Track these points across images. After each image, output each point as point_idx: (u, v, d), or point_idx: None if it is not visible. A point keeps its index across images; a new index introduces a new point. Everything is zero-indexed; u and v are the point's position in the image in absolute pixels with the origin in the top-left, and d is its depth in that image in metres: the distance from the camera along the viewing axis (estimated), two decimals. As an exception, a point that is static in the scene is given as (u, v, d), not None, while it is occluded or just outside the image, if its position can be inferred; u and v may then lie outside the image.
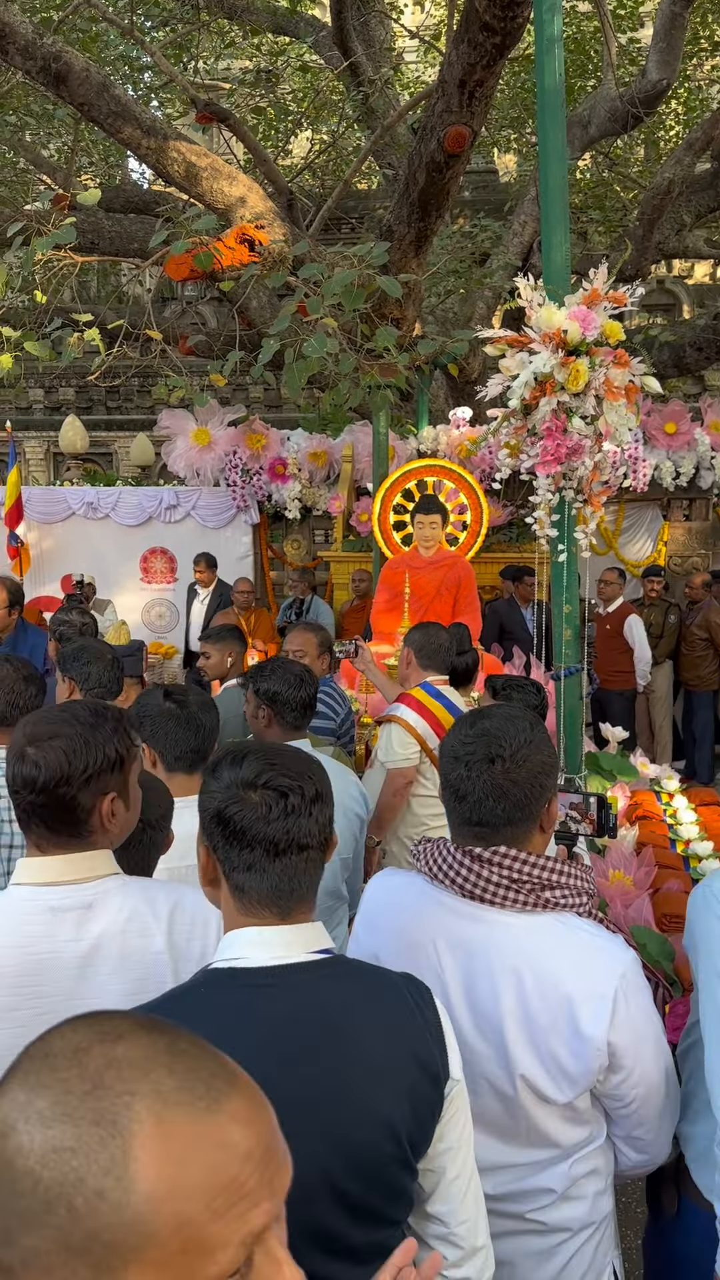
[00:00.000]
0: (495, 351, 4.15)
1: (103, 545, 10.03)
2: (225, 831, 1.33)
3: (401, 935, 1.69)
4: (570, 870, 1.64)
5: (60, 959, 1.52)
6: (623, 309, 4.04)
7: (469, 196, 12.88)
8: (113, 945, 1.55)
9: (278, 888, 1.32)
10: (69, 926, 1.53)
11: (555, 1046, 1.54)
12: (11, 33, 5.76)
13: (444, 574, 6.22)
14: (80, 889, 1.56)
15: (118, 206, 9.44)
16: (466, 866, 1.63)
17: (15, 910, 1.55)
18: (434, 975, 1.65)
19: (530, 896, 1.61)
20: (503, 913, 1.62)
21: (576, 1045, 1.53)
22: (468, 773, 1.63)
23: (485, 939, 1.61)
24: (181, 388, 6.05)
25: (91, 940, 1.54)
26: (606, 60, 9.07)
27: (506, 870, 1.60)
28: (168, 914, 1.60)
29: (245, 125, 8.17)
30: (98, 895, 1.57)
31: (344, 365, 4.96)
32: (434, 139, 5.68)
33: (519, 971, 1.57)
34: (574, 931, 1.61)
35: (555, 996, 1.55)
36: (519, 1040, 1.56)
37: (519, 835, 1.64)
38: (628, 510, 9.48)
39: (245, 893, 1.33)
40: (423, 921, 1.68)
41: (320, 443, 9.52)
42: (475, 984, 1.61)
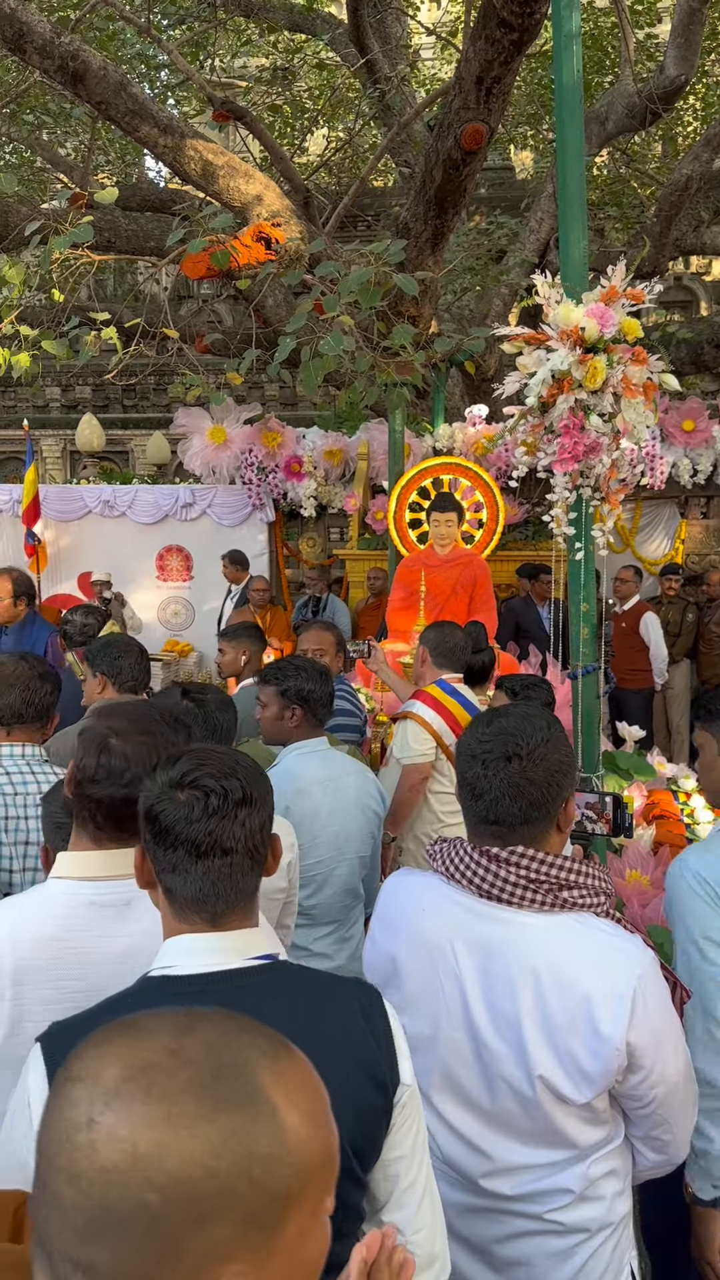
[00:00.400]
0: (513, 349, 4.14)
1: (119, 543, 10.06)
2: (154, 830, 1.32)
3: (418, 936, 1.69)
4: (588, 870, 1.63)
5: (99, 954, 1.53)
6: (640, 306, 4.02)
7: (486, 193, 12.85)
8: (150, 943, 1.55)
9: (201, 891, 1.30)
10: (107, 923, 1.55)
11: (574, 1047, 1.54)
12: (29, 32, 5.78)
13: (460, 572, 6.20)
14: (119, 885, 1.57)
15: (134, 205, 9.46)
16: (484, 866, 1.63)
17: (55, 904, 1.56)
18: (451, 976, 1.64)
19: (548, 896, 1.60)
20: (520, 913, 1.61)
21: (595, 1045, 1.53)
22: (484, 771, 1.62)
23: (503, 939, 1.61)
24: (198, 386, 6.06)
25: (129, 937, 1.55)
26: (624, 56, 9.03)
27: (524, 870, 1.60)
28: None
29: (262, 123, 8.17)
30: (136, 892, 1.57)
31: (360, 363, 4.95)
32: (451, 136, 5.67)
33: (537, 971, 1.57)
34: (592, 931, 1.60)
35: (573, 996, 1.54)
36: (537, 1040, 1.56)
37: (536, 834, 1.64)
38: (645, 508, 9.44)
39: (174, 895, 1.32)
40: (440, 922, 1.67)
41: (336, 441, 9.52)
42: (493, 984, 1.60)
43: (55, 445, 13.80)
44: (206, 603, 9.95)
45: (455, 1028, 1.65)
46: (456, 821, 3.78)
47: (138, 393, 13.87)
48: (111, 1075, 0.70)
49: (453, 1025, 1.65)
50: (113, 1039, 0.74)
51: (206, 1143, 0.67)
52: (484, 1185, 1.63)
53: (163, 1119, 0.67)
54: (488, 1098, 1.62)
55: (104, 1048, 0.73)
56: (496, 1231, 1.63)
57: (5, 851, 2.45)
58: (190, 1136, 0.67)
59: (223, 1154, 0.67)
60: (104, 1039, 0.74)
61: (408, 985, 1.70)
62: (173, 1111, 0.67)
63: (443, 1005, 1.66)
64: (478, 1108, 1.64)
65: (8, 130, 10.43)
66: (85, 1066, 0.72)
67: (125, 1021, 0.76)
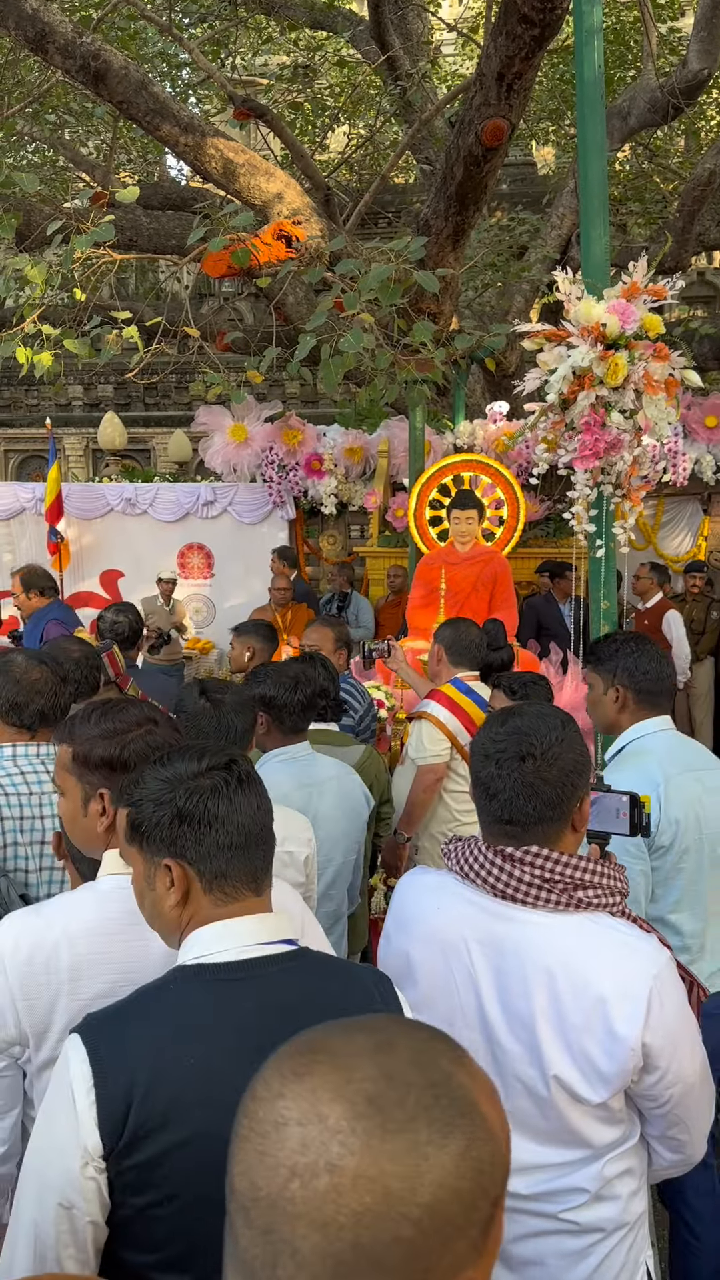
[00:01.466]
0: (533, 345, 4.12)
1: (140, 541, 10.10)
2: (193, 824, 1.34)
3: (433, 935, 1.69)
4: (603, 870, 1.63)
5: (153, 950, 1.54)
6: (662, 302, 4.00)
7: (507, 189, 12.80)
8: None
9: (237, 870, 1.35)
10: None
11: (589, 1047, 1.53)
12: (51, 32, 5.81)
13: (480, 569, 6.19)
14: None
15: (156, 203, 9.50)
16: (498, 866, 1.62)
17: (108, 899, 1.59)
18: (466, 975, 1.64)
19: (563, 896, 1.60)
20: (535, 912, 1.61)
21: (610, 1046, 1.52)
22: (498, 770, 1.62)
23: (518, 939, 1.60)
24: (219, 384, 6.08)
25: None
26: (646, 50, 8.97)
27: (539, 870, 1.60)
28: None
29: (282, 121, 8.18)
30: None
31: (380, 360, 4.95)
32: (472, 132, 5.65)
33: (552, 971, 1.56)
34: (607, 931, 1.60)
35: (589, 996, 1.54)
36: (552, 1040, 1.56)
37: (550, 834, 1.63)
38: (667, 504, 9.39)
39: (226, 878, 1.34)
40: (454, 921, 1.67)
41: (356, 438, 9.52)
42: (508, 984, 1.60)
43: (78, 443, 13.87)
44: (228, 600, 9.98)
45: (469, 1027, 1.64)
46: (472, 820, 3.76)
47: (159, 391, 13.91)
48: (339, 1113, 0.68)
49: (467, 1025, 1.65)
50: (313, 1070, 0.71)
51: (450, 1167, 0.67)
52: None
53: (407, 1151, 0.66)
54: (503, 1097, 1.62)
55: (308, 1081, 0.70)
56: (511, 1231, 1.63)
57: (22, 852, 2.45)
58: (435, 1164, 0.67)
59: (464, 1173, 0.67)
60: (300, 1070, 0.71)
61: (422, 984, 1.70)
62: (415, 1141, 0.67)
63: (457, 1005, 1.66)
64: None
65: (30, 130, 10.49)
66: (298, 1107, 0.69)
67: (311, 1047, 0.74)
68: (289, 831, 2.44)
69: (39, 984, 1.53)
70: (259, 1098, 0.71)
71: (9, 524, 10.39)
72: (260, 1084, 0.73)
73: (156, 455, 13.56)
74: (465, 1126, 0.69)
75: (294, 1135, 0.68)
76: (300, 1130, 0.68)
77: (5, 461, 14.16)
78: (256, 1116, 0.70)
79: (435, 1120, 0.68)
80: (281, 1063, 0.73)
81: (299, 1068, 0.71)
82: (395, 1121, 0.67)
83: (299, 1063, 0.72)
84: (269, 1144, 0.68)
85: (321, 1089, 0.69)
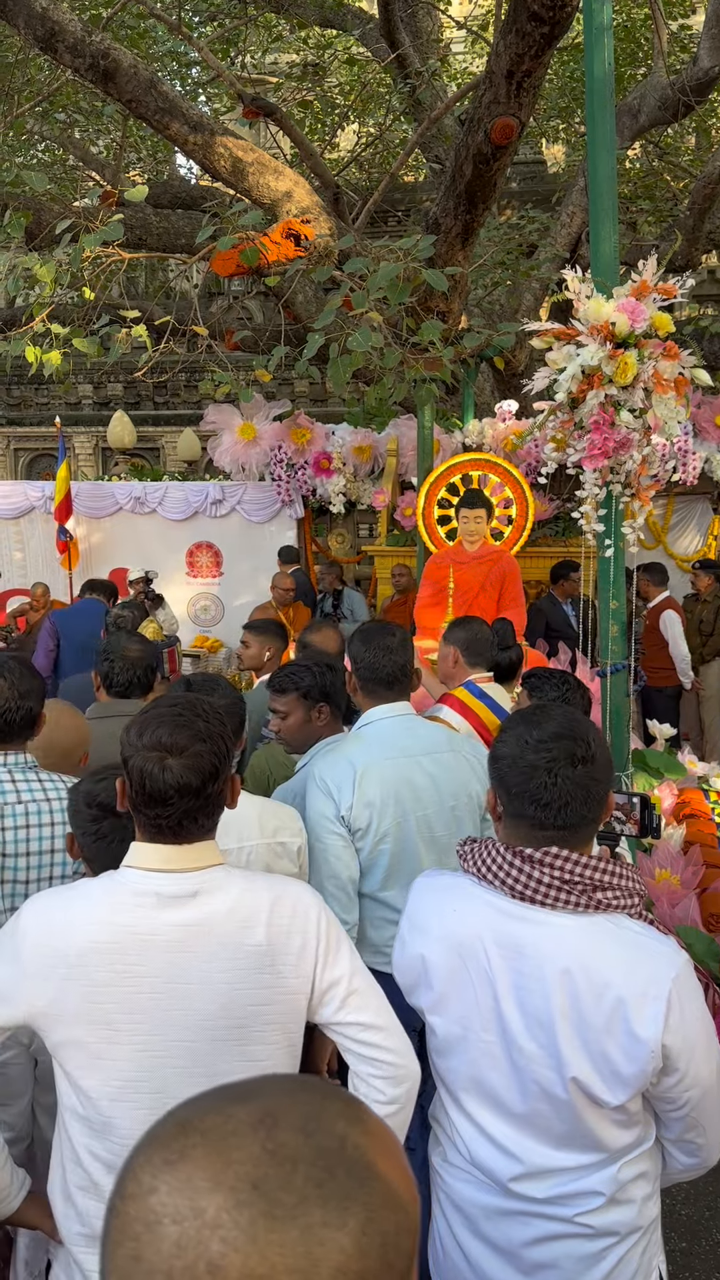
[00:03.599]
0: (542, 344, 4.11)
1: (149, 540, 10.12)
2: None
3: (449, 936, 1.69)
4: (621, 871, 1.63)
5: (160, 941, 1.56)
6: (672, 300, 3.98)
7: (516, 188, 12.77)
8: (214, 934, 1.58)
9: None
10: (173, 912, 1.57)
11: (608, 1049, 1.53)
12: (61, 31, 5.82)
13: (488, 569, 6.18)
14: (188, 877, 1.60)
15: (165, 202, 9.50)
16: (517, 867, 1.62)
17: (123, 890, 1.60)
18: (483, 976, 1.64)
19: (582, 897, 1.59)
20: (553, 913, 1.61)
21: (630, 1047, 1.52)
22: (552, 780, 1.60)
23: (536, 940, 1.60)
24: (228, 383, 6.08)
25: (194, 927, 1.58)
26: (657, 48, 8.94)
27: (558, 871, 1.59)
28: (269, 907, 1.63)
29: (291, 119, 8.17)
30: (204, 884, 1.61)
31: (389, 359, 4.94)
32: (481, 131, 5.64)
33: (571, 973, 1.56)
34: (626, 933, 1.60)
35: (608, 998, 1.53)
36: (571, 1042, 1.55)
37: (591, 831, 1.64)
38: (677, 504, 9.36)
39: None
40: (471, 922, 1.67)
41: (365, 437, 9.51)
42: (525, 985, 1.60)
43: (87, 442, 13.89)
44: (236, 599, 9.99)
45: (487, 1029, 1.64)
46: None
47: (168, 390, 13.92)
48: (219, 1204, 0.60)
49: (484, 1026, 1.64)
50: (187, 1156, 0.62)
51: (350, 1248, 0.59)
52: (514, 1188, 1.62)
53: (299, 1239, 0.59)
54: (519, 1099, 1.61)
55: (182, 1170, 0.62)
56: (525, 1234, 1.62)
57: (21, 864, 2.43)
58: (332, 1249, 0.59)
59: (367, 1251, 0.60)
60: (172, 1158, 0.63)
61: (438, 986, 1.70)
62: (305, 1226, 0.59)
63: (474, 1006, 1.65)
64: (508, 1110, 1.63)
65: (40, 128, 10.50)
66: (172, 1201, 0.60)
67: (184, 1128, 0.65)
68: (281, 822, 2.46)
69: (48, 963, 1.55)
70: (128, 1195, 0.62)
71: (18, 522, 10.41)
72: (129, 1179, 0.63)
73: (165, 454, 13.57)
74: (363, 1198, 0.61)
75: (169, 1235, 0.59)
76: (176, 1229, 0.59)
77: (15, 460, 14.19)
78: (127, 1216, 0.62)
79: (329, 1198, 0.60)
80: (151, 1151, 0.64)
81: (170, 1155, 0.63)
82: (283, 1206, 0.59)
83: (170, 1149, 0.63)
84: (142, 1247, 0.60)
85: (197, 1177, 0.61)
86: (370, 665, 2.75)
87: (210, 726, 1.63)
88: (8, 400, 14.25)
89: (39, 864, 2.46)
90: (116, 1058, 1.54)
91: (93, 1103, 1.55)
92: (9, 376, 13.89)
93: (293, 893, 1.68)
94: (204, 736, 1.61)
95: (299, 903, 1.66)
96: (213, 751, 1.61)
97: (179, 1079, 1.55)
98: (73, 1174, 1.61)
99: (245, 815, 2.38)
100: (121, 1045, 1.54)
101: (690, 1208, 3.28)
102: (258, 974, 1.59)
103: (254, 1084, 0.68)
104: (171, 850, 1.61)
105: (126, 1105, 1.55)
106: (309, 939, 1.64)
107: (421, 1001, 1.74)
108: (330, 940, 1.66)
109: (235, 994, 1.57)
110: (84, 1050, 1.54)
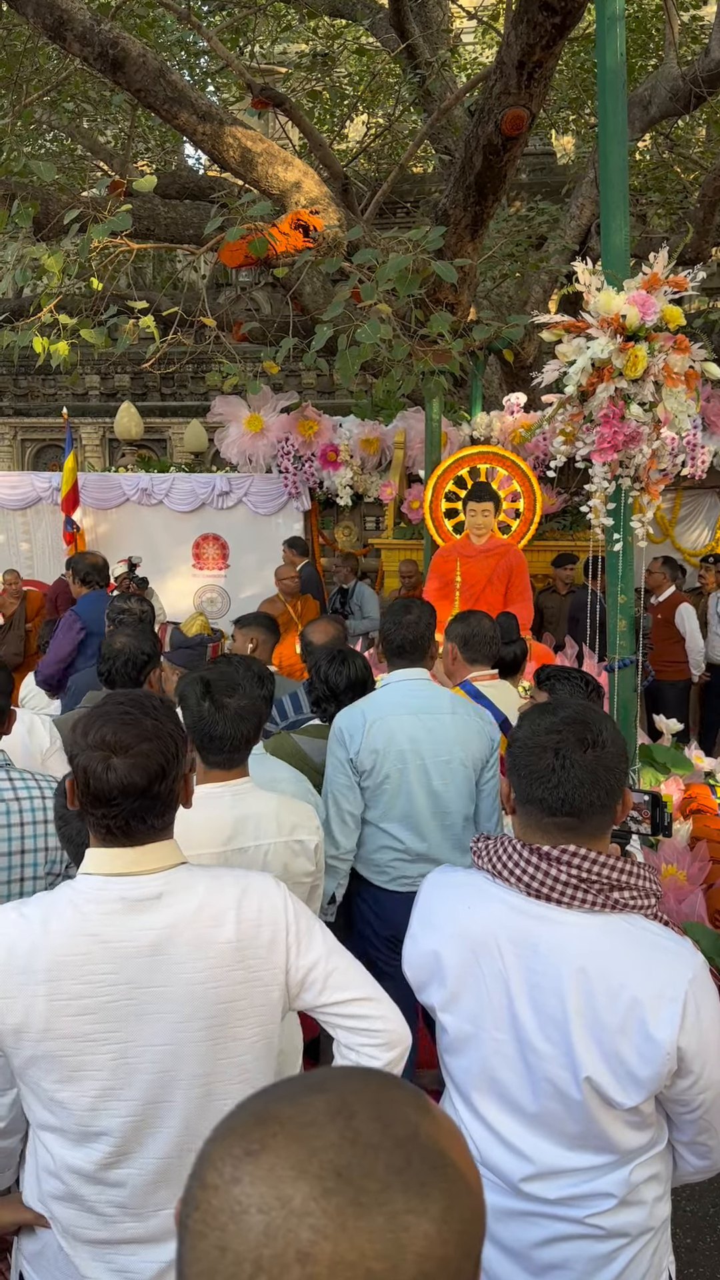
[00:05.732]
0: (552, 336, 4.09)
1: (156, 531, 10.11)
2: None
3: (463, 933, 1.67)
4: (639, 871, 1.61)
5: (131, 948, 1.54)
6: (683, 293, 3.96)
7: (525, 179, 12.72)
8: (184, 935, 1.56)
9: None
10: (140, 916, 1.55)
11: (623, 1049, 1.52)
12: (70, 19, 5.80)
13: (496, 562, 6.16)
14: (151, 879, 1.58)
15: (173, 192, 9.46)
16: (534, 865, 1.61)
17: (87, 899, 1.56)
18: (496, 974, 1.63)
19: (599, 897, 1.58)
20: (569, 912, 1.59)
21: (646, 1049, 1.51)
22: (559, 761, 1.60)
23: (551, 938, 1.59)
24: (235, 375, 6.06)
25: (162, 929, 1.55)
26: (668, 39, 8.89)
27: (575, 869, 1.58)
28: (236, 903, 1.61)
29: (301, 109, 8.14)
30: (168, 885, 1.58)
31: (397, 351, 4.92)
32: (491, 122, 5.61)
33: (586, 972, 1.55)
34: (642, 933, 1.58)
35: (624, 999, 1.52)
36: (586, 1042, 1.54)
37: (604, 824, 1.63)
38: (685, 498, 9.33)
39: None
40: (486, 920, 1.66)
41: (372, 429, 9.49)
42: (540, 984, 1.59)
43: (94, 433, 13.88)
44: (242, 590, 9.99)
45: (499, 1028, 1.63)
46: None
47: (175, 381, 13.90)
48: (305, 1192, 0.60)
49: (497, 1025, 1.63)
50: (268, 1146, 0.63)
51: (432, 1234, 0.60)
52: (525, 1189, 1.61)
53: (384, 1227, 0.59)
54: (531, 1099, 1.61)
55: (265, 1160, 0.62)
56: (536, 1235, 1.62)
57: None
58: (417, 1235, 0.59)
59: (447, 1238, 0.61)
60: (253, 1148, 0.63)
61: (451, 983, 1.69)
62: (390, 1213, 0.59)
63: (486, 1004, 1.64)
64: (520, 1110, 1.62)
65: (48, 118, 10.47)
66: (256, 1191, 0.61)
67: (261, 1118, 0.65)
68: (298, 820, 2.44)
69: (16, 983, 1.51)
70: (209, 1186, 0.63)
71: (25, 513, 10.41)
72: (209, 1169, 0.64)
73: (172, 445, 13.56)
74: (441, 1185, 0.62)
75: (256, 1224, 0.59)
76: (263, 1218, 0.59)
77: (22, 450, 14.19)
78: (210, 1207, 0.62)
79: (409, 1184, 0.61)
80: (230, 1142, 0.64)
81: (251, 1145, 0.63)
82: (368, 1194, 0.60)
83: (250, 1140, 0.63)
84: (229, 1237, 0.60)
85: (280, 1166, 0.61)
86: (386, 635, 3.25)
87: (159, 725, 1.59)
88: (14, 391, 14.24)
89: (7, 865, 2.42)
90: (93, 1068, 1.52)
91: (71, 1114, 1.53)
92: (15, 367, 13.89)
93: (258, 885, 1.66)
94: (151, 735, 1.57)
95: (265, 895, 1.64)
96: (160, 750, 1.57)
97: (159, 1082, 1.54)
98: (49, 1184, 1.60)
99: (263, 812, 2.36)
100: (97, 1055, 1.52)
101: (695, 1204, 3.28)
102: (230, 970, 1.57)
103: (322, 1075, 0.69)
104: (130, 853, 1.58)
105: (106, 1114, 1.53)
106: (278, 930, 1.62)
107: (433, 999, 1.73)
108: (300, 927, 1.65)
109: (209, 992, 1.56)
110: (58, 1064, 1.51)
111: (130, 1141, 1.55)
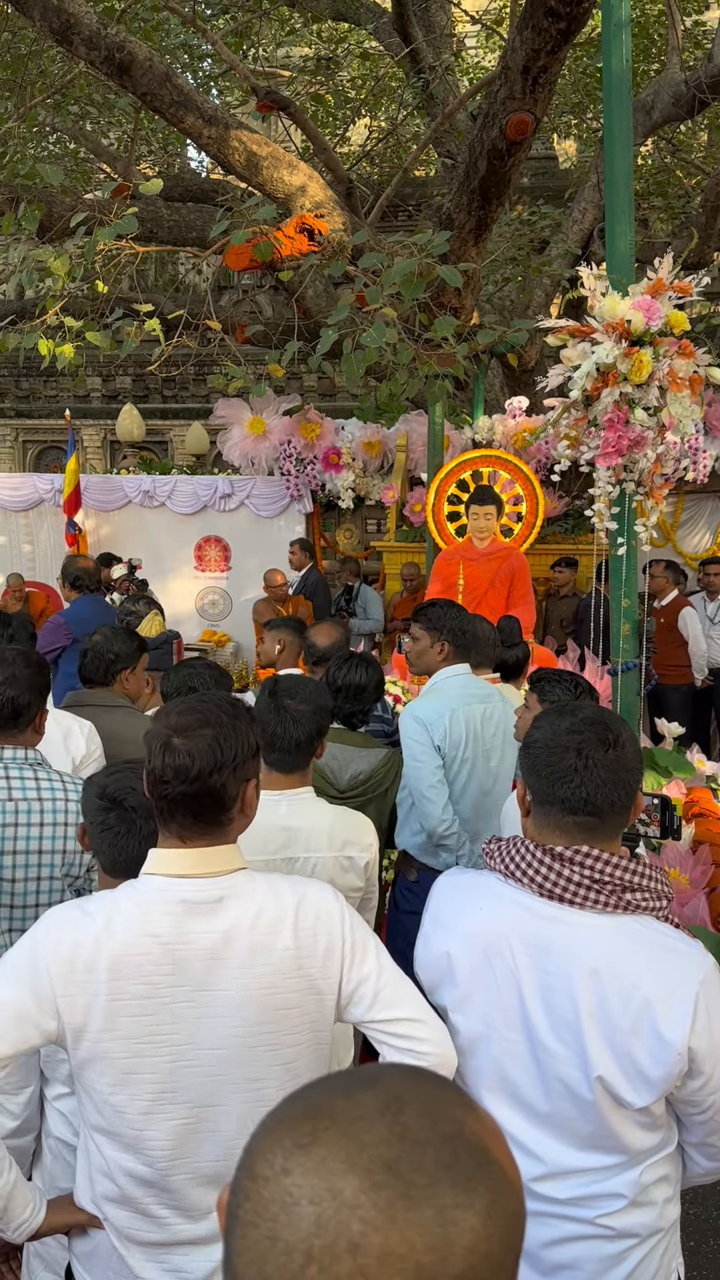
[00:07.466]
0: (557, 341, 4.10)
1: (158, 533, 10.12)
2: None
3: (475, 934, 1.68)
4: (651, 873, 1.63)
5: (191, 950, 1.54)
6: (687, 299, 3.97)
7: (528, 183, 12.74)
8: (242, 940, 1.57)
9: None
10: (201, 920, 1.56)
11: (634, 1049, 1.53)
12: (76, 23, 5.81)
13: (498, 565, 6.18)
14: (212, 882, 1.58)
15: (177, 195, 9.48)
16: (547, 865, 1.62)
17: (148, 900, 1.57)
18: (508, 975, 1.64)
19: (612, 898, 1.59)
20: (581, 913, 1.60)
21: (657, 1049, 1.52)
22: (581, 760, 1.61)
23: (564, 939, 1.60)
24: (238, 378, 6.07)
25: (222, 934, 1.56)
26: (672, 44, 8.90)
27: (589, 870, 1.59)
28: (294, 910, 1.62)
29: (305, 113, 8.15)
30: (228, 890, 1.59)
31: (401, 355, 4.93)
32: (495, 126, 5.62)
33: (598, 973, 1.56)
34: (654, 934, 1.59)
35: (636, 999, 1.53)
36: (598, 1042, 1.55)
37: (621, 824, 1.64)
38: (686, 502, 9.35)
39: None
40: (498, 920, 1.66)
41: (375, 432, 9.50)
42: (551, 984, 1.60)
43: (96, 435, 13.89)
44: (244, 593, 10.00)
45: (511, 1028, 1.64)
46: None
47: (178, 383, 13.92)
48: (356, 1185, 0.61)
49: (508, 1025, 1.64)
50: (319, 1139, 0.64)
51: (478, 1228, 0.61)
52: (536, 1189, 1.62)
53: (433, 1221, 0.60)
54: (543, 1099, 1.61)
55: (316, 1152, 0.63)
56: (546, 1235, 1.62)
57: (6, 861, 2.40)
58: (464, 1229, 0.61)
59: (492, 1233, 0.62)
60: (304, 1141, 0.64)
61: (463, 983, 1.69)
62: (439, 1207, 0.61)
63: (498, 1004, 1.65)
64: (531, 1110, 1.63)
65: (52, 121, 10.48)
66: (308, 1183, 0.62)
67: (312, 1111, 0.66)
68: (350, 836, 2.43)
69: (79, 982, 1.52)
70: (259, 1177, 0.64)
71: (27, 515, 10.43)
72: (259, 1160, 0.65)
73: (174, 447, 13.57)
74: (487, 1181, 0.63)
75: (307, 1215, 0.61)
76: (314, 1209, 0.61)
77: (24, 452, 14.20)
78: (261, 1198, 0.63)
79: (457, 1179, 0.62)
80: (280, 1134, 0.66)
81: (301, 1138, 0.64)
82: (417, 1187, 0.61)
83: (301, 1132, 0.65)
84: (280, 1228, 0.61)
85: (331, 1159, 0.63)
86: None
87: (225, 718, 1.60)
88: (16, 392, 14.25)
89: (25, 863, 2.42)
90: (148, 1070, 1.52)
91: (124, 1118, 1.53)
92: (18, 369, 13.90)
93: (315, 895, 1.66)
94: (213, 723, 1.58)
95: (322, 904, 1.65)
96: (218, 739, 1.57)
97: (212, 1088, 1.54)
98: (102, 1186, 1.60)
99: (317, 824, 2.37)
100: (154, 1057, 1.52)
101: (699, 1207, 3.29)
102: (286, 978, 1.58)
103: (372, 1071, 0.71)
104: (193, 855, 1.59)
105: (160, 1117, 1.53)
106: (334, 940, 1.63)
107: (445, 1000, 1.73)
108: (356, 940, 1.65)
109: (265, 999, 1.56)
110: (113, 1065, 1.52)
111: (183, 1145, 1.55)
